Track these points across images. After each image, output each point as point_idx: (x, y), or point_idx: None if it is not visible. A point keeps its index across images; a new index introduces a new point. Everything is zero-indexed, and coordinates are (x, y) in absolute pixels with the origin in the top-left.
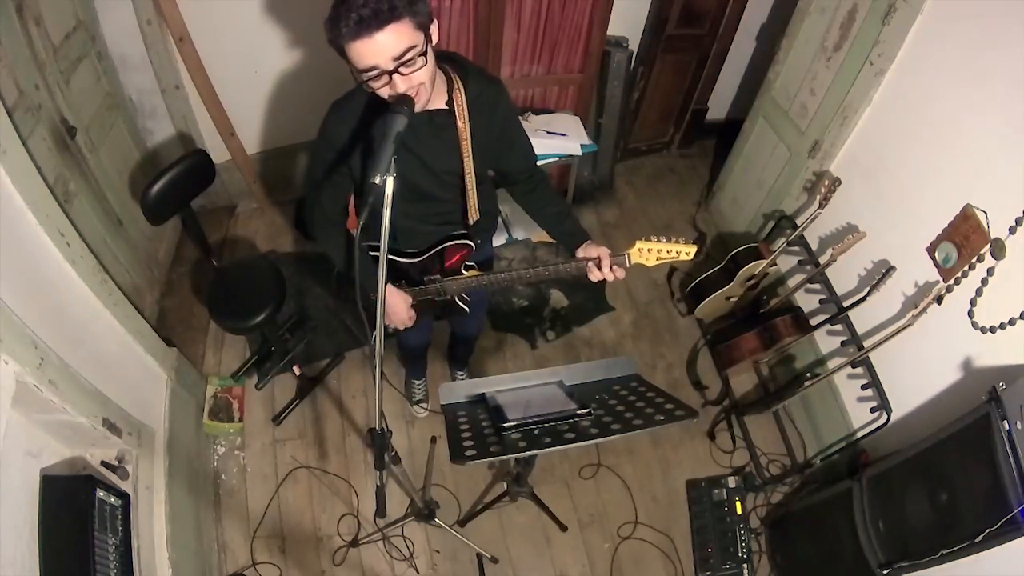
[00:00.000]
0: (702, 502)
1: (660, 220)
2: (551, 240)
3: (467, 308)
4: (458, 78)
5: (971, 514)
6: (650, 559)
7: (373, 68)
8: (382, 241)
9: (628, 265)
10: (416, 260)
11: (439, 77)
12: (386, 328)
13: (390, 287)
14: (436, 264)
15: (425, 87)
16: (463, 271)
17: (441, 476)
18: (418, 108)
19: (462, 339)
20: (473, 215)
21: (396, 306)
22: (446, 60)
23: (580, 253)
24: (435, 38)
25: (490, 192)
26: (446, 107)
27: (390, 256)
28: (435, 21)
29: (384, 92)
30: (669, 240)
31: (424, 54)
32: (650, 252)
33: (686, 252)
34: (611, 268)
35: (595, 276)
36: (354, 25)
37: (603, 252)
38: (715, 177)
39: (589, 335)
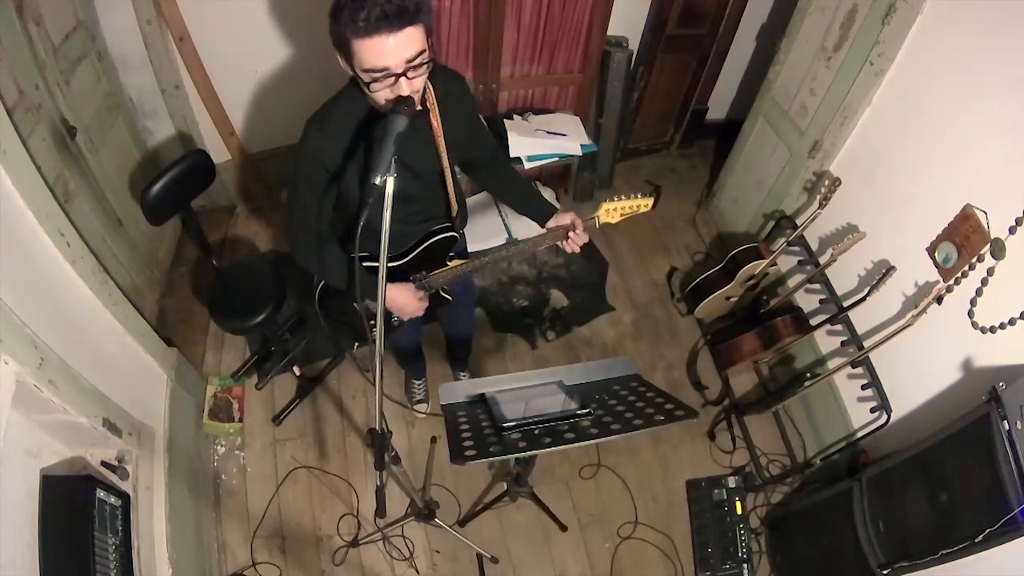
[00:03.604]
0: (702, 502)
1: (660, 220)
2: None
3: (450, 297)
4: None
5: (971, 514)
6: (650, 559)
7: (383, 69)
8: (382, 241)
9: (598, 226)
10: (402, 262)
11: None
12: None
13: (388, 285)
14: (422, 263)
15: (420, 91)
16: (447, 263)
17: (441, 476)
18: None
19: (455, 339)
20: (454, 207)
21: (402, 299)
22: None
23: (551, 224)
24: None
25: (458, 181)
26: (421, 108)
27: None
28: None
29: (383, 95)
30: (629, 197)
31: (429, 60)
32: (614, 211)
33: (644, 204)
34: (581, 231)
35: (569, 247)
36: (375, 20)
37: (572, 216)
38: (715, 177)
39: (589, 335)
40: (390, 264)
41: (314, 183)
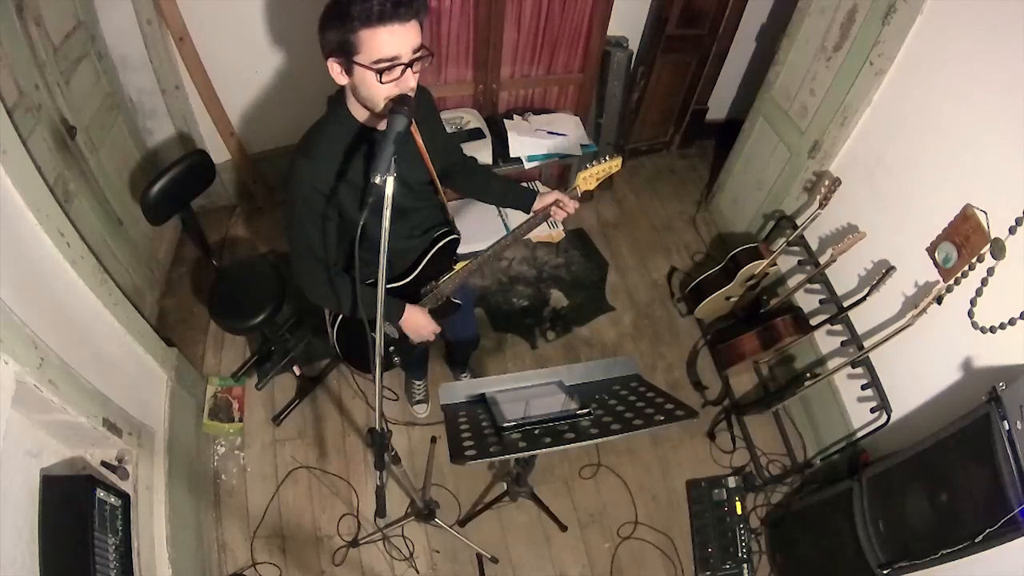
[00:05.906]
0: (702, 502)
1: (660, 220)
2: (553, 241)
3: (460, 302)
4: None
5: (971, 514)
6: (650, 559)
7: (394, 58)
8: (383, 241)
9: (579, 194)
10: (409, 279)
11: None
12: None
13: (405, 307)
14: (431, 273)
15: (415, 91)
16: (453, 266)
17: (441, 476)
18: None
19: (462, 343)
20: (449, 212)
21: (417, 321)
22: None
23: (537, 206)
24: None
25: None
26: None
27: (389, 285)
28: None
29: (387, 90)
30: (600, 162)
31: (428, 56)
32: (590, 177)
33: (614, 165)
34: (569, 201)
35: (559, 216)
36: (391, 7)
37: (556, 194)
38: (715, 177)
39: (589, 335)
40: (398, 284)
41: (313, 213)
